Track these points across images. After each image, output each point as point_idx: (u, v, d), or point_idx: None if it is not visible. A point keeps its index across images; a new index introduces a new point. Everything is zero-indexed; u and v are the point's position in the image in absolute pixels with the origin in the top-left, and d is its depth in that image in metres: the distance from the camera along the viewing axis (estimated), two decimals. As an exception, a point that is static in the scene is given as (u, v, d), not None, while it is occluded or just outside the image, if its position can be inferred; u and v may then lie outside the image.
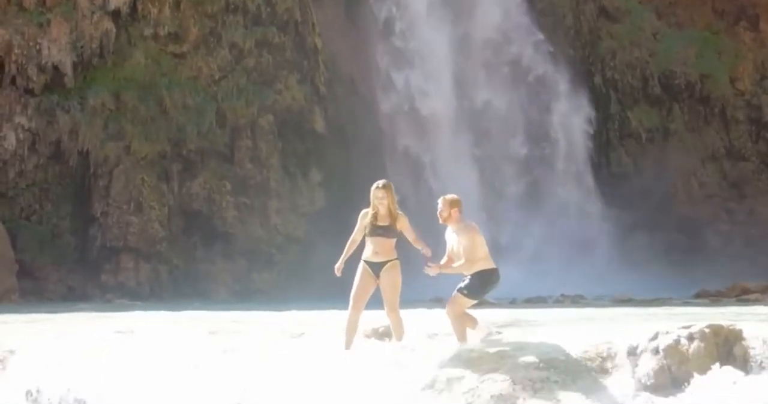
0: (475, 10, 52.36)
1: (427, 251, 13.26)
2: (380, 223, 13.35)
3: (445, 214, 13.13)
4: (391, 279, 13.38)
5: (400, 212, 13.47)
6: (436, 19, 51.08)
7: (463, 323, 13.11)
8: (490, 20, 52.54)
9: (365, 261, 13.48)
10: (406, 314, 14.23)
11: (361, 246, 13.59)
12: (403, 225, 13.45)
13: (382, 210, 13.36)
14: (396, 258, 13.46)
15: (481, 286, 13.06)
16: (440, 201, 13.20)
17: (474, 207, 48.19)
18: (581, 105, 53.80)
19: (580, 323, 16.37)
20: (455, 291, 13.12)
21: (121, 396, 13.71)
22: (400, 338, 13.58)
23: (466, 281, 13.02)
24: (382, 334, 14.49)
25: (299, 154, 46.67)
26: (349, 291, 13.55)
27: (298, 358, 13.59)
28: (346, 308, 13.71)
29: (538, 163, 52.60)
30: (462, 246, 13.02)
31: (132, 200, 42.48)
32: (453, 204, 13.10)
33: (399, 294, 13.47)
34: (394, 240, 13.51)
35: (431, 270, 12.97)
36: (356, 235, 13.53)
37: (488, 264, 13.13)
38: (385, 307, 13.51)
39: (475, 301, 13.14)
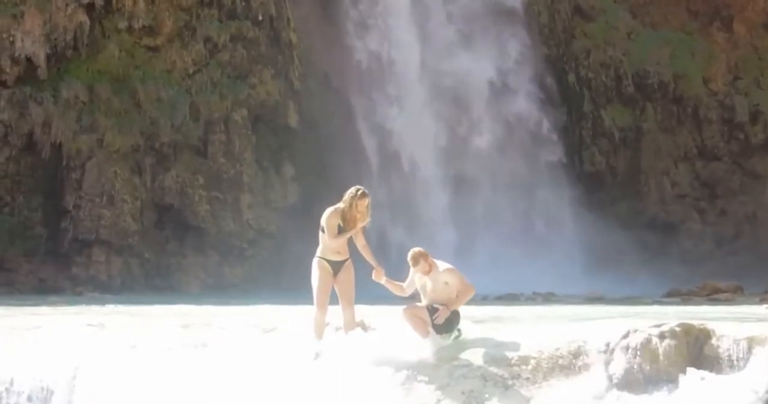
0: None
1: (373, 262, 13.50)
2: (348, 227, 13.47)
3: (426, 268, 13.12)
4: (351, 277, 13.68)
5: None
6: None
7: (420, 322, 13.02)
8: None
9: (326, 260, 13.54)
10: (373, 310, 14.31)
11: (316, 243, 13.74)
12: (360, 232, 13.67)
13: (360, 218, 13.48)
14: (349, 257, 13.70)
15: (450, 324, 13.09)
16: (416, 257, 13.12)
17: (440, 200, 48.38)
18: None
19: (552, 321, 16.41)
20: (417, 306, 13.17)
21: (93, 390, 13.67)
22: (350, 330, 13.69)
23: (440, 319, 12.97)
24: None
25: (272, 149, 46.58)
26: None
27: (270, 352, 13.59)
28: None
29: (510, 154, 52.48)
30: (451, 285, 13.02)
31: (104, 193, 42.22)
32: (425, 255, 13.11)
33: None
34: None
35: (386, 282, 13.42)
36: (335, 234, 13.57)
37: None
38: (343, 303, 13.67)
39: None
